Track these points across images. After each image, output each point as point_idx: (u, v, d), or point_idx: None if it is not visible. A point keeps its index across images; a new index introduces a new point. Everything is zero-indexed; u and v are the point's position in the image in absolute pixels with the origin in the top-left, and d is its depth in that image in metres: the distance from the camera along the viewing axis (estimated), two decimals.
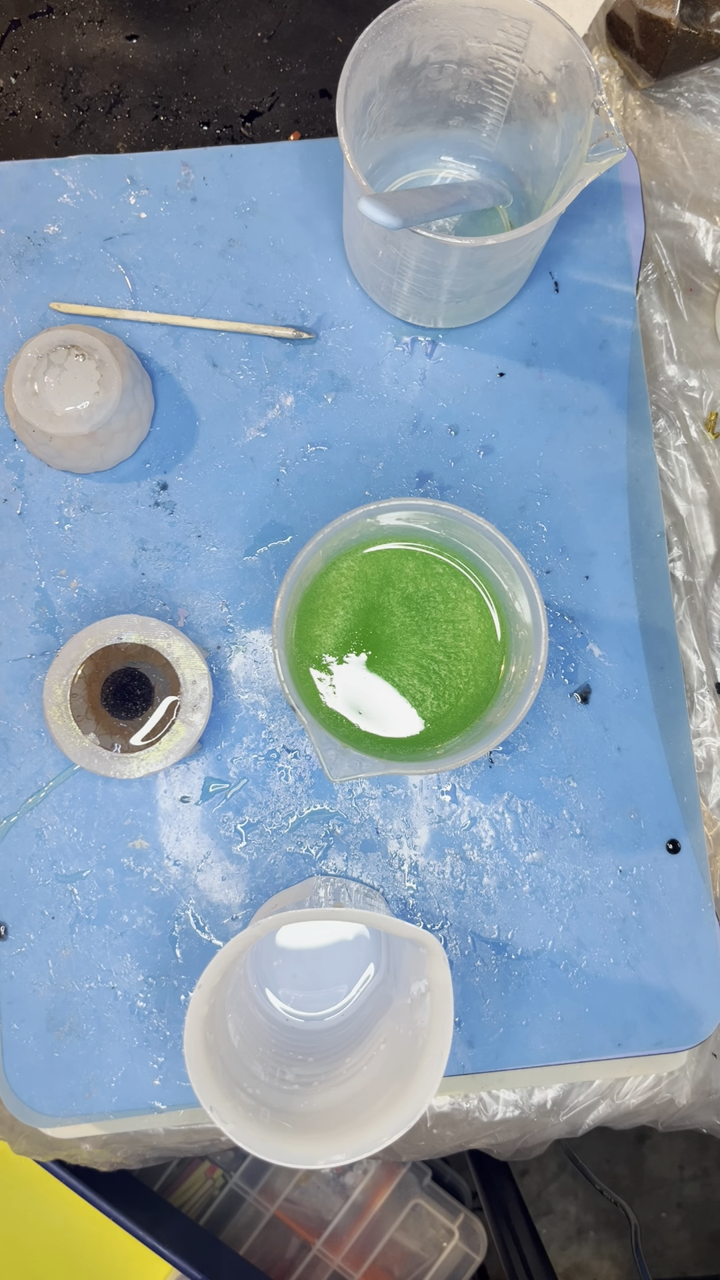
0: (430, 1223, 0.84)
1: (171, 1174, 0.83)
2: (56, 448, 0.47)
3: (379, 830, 0.49)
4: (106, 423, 0.46)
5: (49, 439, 0.47)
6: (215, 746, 0.49)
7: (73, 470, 0.49)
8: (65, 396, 0.46)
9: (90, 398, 0.46)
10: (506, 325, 0.51)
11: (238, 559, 0.50)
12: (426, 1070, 0.39)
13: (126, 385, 0.47)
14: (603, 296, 0.52)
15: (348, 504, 0.50)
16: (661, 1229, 1.13)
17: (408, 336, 0.51)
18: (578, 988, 0.48)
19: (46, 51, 0.54)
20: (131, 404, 0.47)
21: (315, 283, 0.51)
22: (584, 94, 0.41)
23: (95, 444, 0.47)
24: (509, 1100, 0.51)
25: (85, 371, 0.46)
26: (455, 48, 0.44)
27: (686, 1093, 0.52)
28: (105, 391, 0.46)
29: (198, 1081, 0.38)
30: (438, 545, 0.47)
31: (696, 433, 0.53)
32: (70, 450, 0.47)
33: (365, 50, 0.41)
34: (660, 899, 0.49)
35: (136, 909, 0.48)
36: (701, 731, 0.51)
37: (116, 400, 0.46)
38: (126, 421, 0.48)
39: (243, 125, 0.54)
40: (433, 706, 0.47)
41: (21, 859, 0.48)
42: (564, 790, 0.49)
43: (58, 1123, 0.48)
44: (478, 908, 0.49)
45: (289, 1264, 0.82)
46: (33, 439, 0.48)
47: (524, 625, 0.44)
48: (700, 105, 0.54)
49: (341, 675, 0.47)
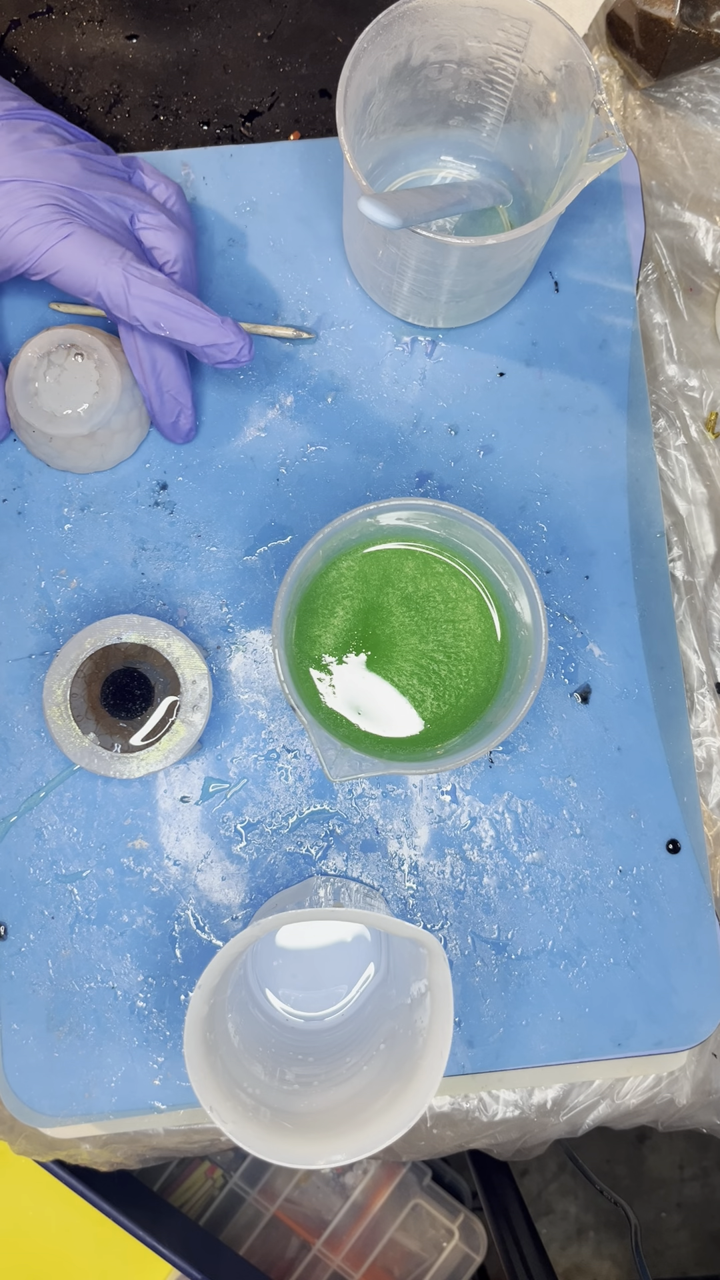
0: (430, 1223, 0.84)
1: (171, 1174, 0.83)
2: (56, 448, 0.47)
3: (379, 830, 0.49)
4: (106, 423, 0.46)
5: (49, 439, 0.47)
6: (215, 746, 0.49)
7: (73, 470, 0.49)
8: (65, 397, 0.46)
9: (90, 399, 0.46)
10: (506, 325, 0.51)
11: (238, 559, 0.50)
12: (426, 1070, 0.39)
13: (126, 385, 0.47)
14: (603, 296, 0.52)
15: (348, 504, 0.50)
16: (661, 1229, 1.13)
17: (408, 336, 0.51)
18: (578, 988, 0.48)
19: (46, 51, 0.54)
20: (131, 404, 0.47)
21: (315, 283, 0.51)
22: (584, 94, 0.41)
23: (95, 444, 0.47)
24: (509, 1100, 0.51)
25: (84, 372, 0.46)
26: (455, 47, 0.44)
27: (686, 1093, 0.52)
28: (104, 392, 0.46)
29: (198, 1081, 0.38)
30: (438, 545, 0.47)
31: (696, 433, 0.53)
32: (70, 451, 0.47)
33: (365, 50, 0.41)
34: (660, 899, 0.49)
35: (136, 909, 0.48)
36: (701, 731, 0.51)
37: (116, 401, 0.46)
38: (126, 421, 0.48)
39: (243, 125, 0.54)
40: (433, 706, 0.47)
41: (21, 859, 0.48)
42: (564, 790, 0.49)
43: (58, 1123, 0.48)
44: (478, 908, 0.49)
45: (289, 1264, 0.82)
46: (33, 439, 0.48)
47: (524, 625, 0.44)
48: (700, 105, 0.54)
49: (341, 675, 0.47)
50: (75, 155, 0.45)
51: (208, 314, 0.44)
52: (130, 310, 0.44)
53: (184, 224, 0.48)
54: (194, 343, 0.44)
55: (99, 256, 0.43)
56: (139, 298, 0.43)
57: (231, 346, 0.44)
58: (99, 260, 0.43)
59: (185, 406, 0.48)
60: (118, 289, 0.43)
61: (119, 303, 0.44)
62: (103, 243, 0.44)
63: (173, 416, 0.48)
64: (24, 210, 0.43)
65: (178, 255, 0.47)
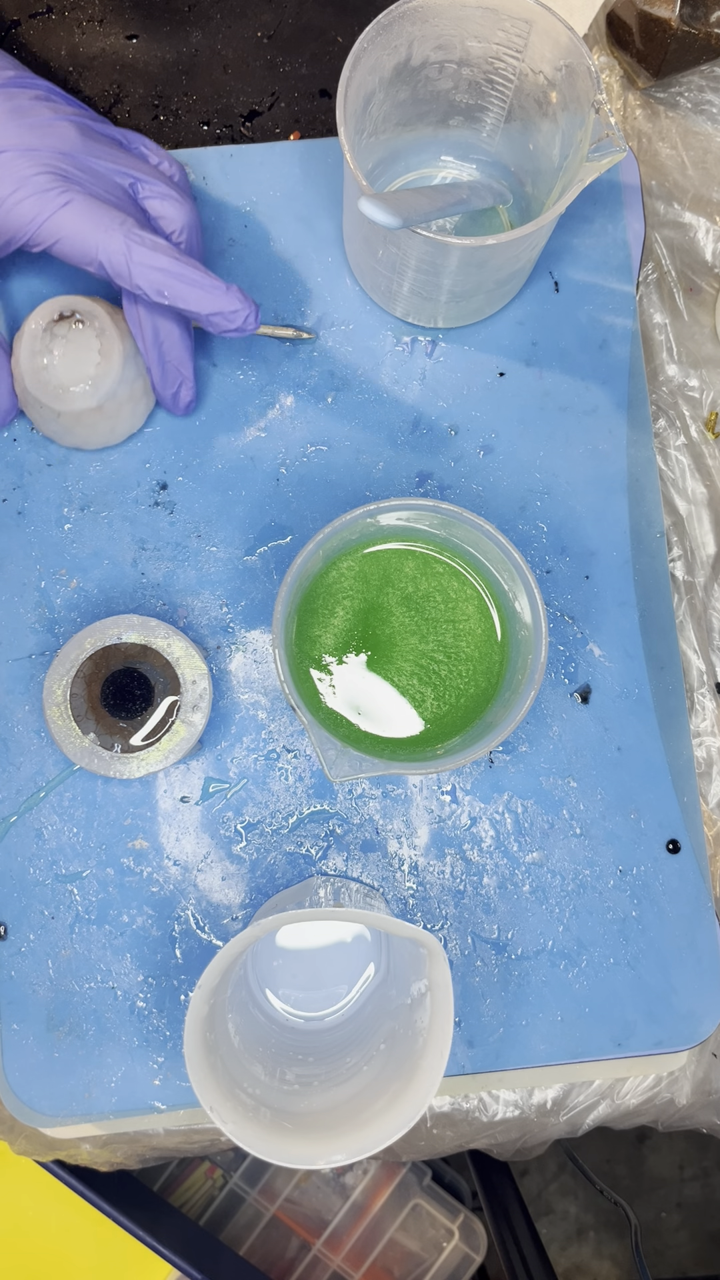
0: (430, 1223, 0.84)
1: (171, 1174, 0.83)
2: (64, 424, 0.47)
3: (379, 830, 0.49)
4: (113, 394, 0.46)
5: (56, 416, 0.46)
6: (215, 746, 0.49)
7: (83, 446, 0.49)
8: (71, 370, 0.45)
9: (93, 369, 0.45)
10: (506, 325, 0.51)
11: (238, 559, 0.50)
12: (426, 1070, 0.39)
13: (129, 354, 0.46)
14: (603, 296, 0.52)
15: (348, 504, 0.50)
16: (661, 1229, 1.13)
17: (408, 336, 0.51)
18: (578, 988, 0.48)
19: (46, 51, 0.54)
20: (135, 373, 0.47)
21: (315, 283, 0.51)
22: (584, 94, 0.41)
23: (104, 418, 0.47)
24: (509, 1100, 0.52)
25: (86, 341, 0.45)
26: (455, 47, 0.44)
27: (686, 1093, 0.52)
28: (107, 361, 0.45)
29: (198, 1081, 0.38)
30: (438, 545, 0.47)
31: (696, 433, 0.53)
32: (79, 427, 0.47)
33: (365, 50, 0.41)
34: (660, 899, 0.49)
35: (136, 909, 0.48)
36: (701, 731, 0.51)
37: (119, 370, 0.46)
38: (132, 391, 0.47)
39: (243, 125, 0.54)
40: (433, 706, 0.47)
41: (21, 859, 0.48)
42: (564, 790, 0.49)
43: (58, 1123, 0.48)
44: (478, 908, 0.49)
45: (289, 1264, 0.82)
46: (40, 416, 0.47)
47: (524, 625, 0.44)
48: (700, 105, 0.54)
49: (341, 675, 0.47)
50: (74, 121, 0.44)
51: (213, 280, 0.43)
52: (132, 278, 0.43)
53: (189, 196, 0.47)
54: (199, 311, 0.43)
55: (99, 224, 0.42)
56: (141, 264, 0.42)
57: (237, 314, 0.43)
58: (99, 228, 0.42)
59: (187, 378, 0.47)
60: (119, 256, 0.42)
61: (121, 270, 0.42)
62: (103, 209, 0.42)
63: (174, 388, 0.47)
64: (21, 179, 0.42)
65: (184, 225, 0.46)
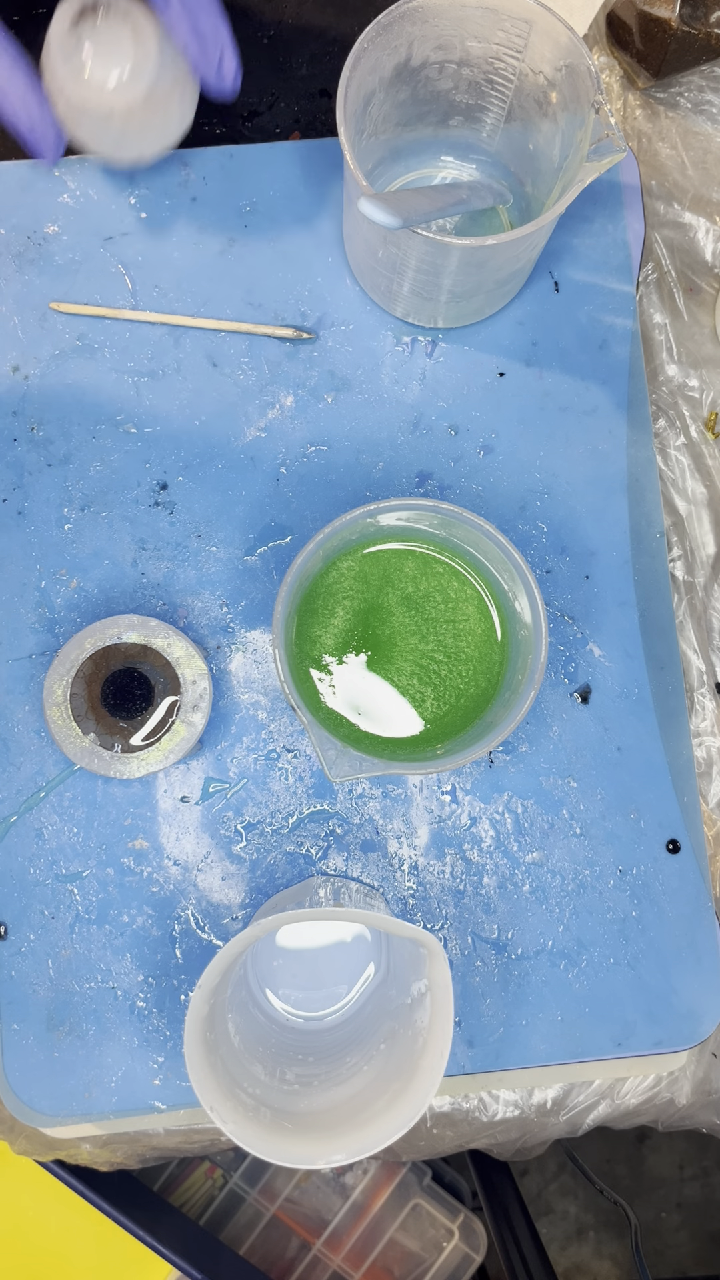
0: (430, 1223, 0.84)
1: (171, 1174, 0.83)
2: (119, 126, 0.45)
3: (379, 830, 0.49)
4: (157, 79, 0.44)
5: (109, 115, 0.44)
6: (215, 746, 0.49)
7: (140, 160, 0.47)
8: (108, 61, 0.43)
9: (131, 52, 0.44)
10: (506, 325, 0.51)
11: (238, 559, 0.50)
12: (426, 1070, 0.39)
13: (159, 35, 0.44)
14: (603, 296, 0.52)
15: (348, 504, 0.50)
16: (661, 1229, 1.13)
17: (408, 336, 0.51)
18: (578, 988, 0.48)
19: None
20: (172, 55, 0.45)
21: (315, 283, 0.51)
22: (584, 94, 0.41)
23: (155, 113, 0.45)
24: (509, 1100, 0.52)
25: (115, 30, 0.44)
26: (455, 48, 0.44)
27: (686, 1093, 0.52)
28: (141, 44, 0.44)
29: (198, 1081, 0.38)
30: (438, 545, 0.47)
31: (696, 433, 0.53)
32: (131, 126, 0.45)
33: (365, 50, 0.41)
34: (660, 899, 0.49)
35: (136, 909, 0.48)
36: (701, 731, 0.52)
37: (157, 51, 0.44)
38: (176, 76, 0.45)
39: (243, 125, 0.54)
40: (433, 706, 0.47)
41: (21, 859, 0.48)
42: (564, 790, 0.49)
43: (58, 1123, 0.48)
44: (478, 908, 0.49)
45: (289, 1264, 0.83)
46: (92, 130, 0.45)
47: (524, 625, 0.44)
48: (700, 105, 0.54)
49: (341, 675, 0.47)
50: None
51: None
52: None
53: None
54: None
55: None
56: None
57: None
58: None
59: (227, 44, 0.45)
60: None
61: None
62: None
63: (215, 60, 0.45)
64: None
65: None
